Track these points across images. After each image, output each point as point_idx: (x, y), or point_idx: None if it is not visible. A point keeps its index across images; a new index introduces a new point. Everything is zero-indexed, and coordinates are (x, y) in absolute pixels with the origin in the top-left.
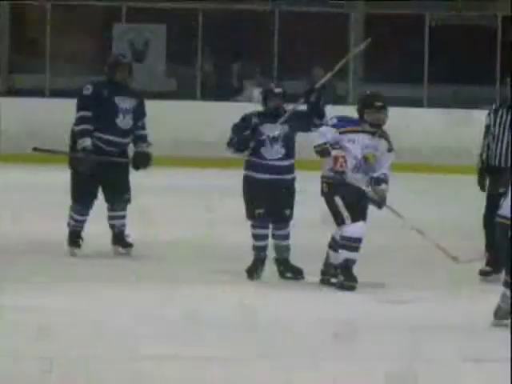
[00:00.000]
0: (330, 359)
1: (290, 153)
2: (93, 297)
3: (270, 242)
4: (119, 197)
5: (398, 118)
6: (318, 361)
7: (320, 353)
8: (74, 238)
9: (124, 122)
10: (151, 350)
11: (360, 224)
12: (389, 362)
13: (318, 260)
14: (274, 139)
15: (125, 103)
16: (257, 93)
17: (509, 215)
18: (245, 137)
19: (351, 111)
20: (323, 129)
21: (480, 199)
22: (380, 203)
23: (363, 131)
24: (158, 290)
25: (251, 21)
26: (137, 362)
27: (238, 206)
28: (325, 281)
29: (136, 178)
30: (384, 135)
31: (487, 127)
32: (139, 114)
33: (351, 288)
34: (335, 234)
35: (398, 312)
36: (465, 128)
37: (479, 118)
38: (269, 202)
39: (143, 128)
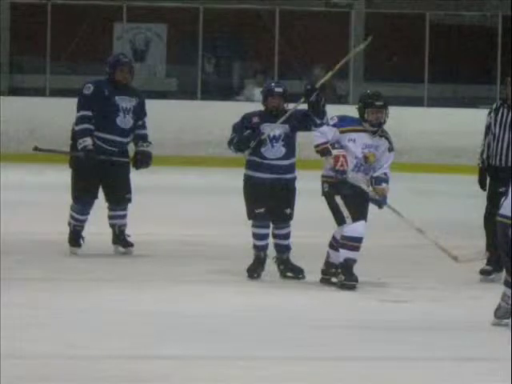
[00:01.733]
0: (330, 358)
1: (290, 152)
2: (93, 296)
3: (271, 241)
4: (120, 196)
5: (398, 118)
6: (317, 360)
7: (320, 352)
8: (75, 238)
9: (124, 121)
10: (151, 350)
11: (361, 223)
12: (389, 362)
13: (319, 259)
14: (275, 139)
15: (125, 103)
16: (257, 92)
17: (509, 214)
18: (245, 136)
19: (352, 111)
20: (324, 128)
21: (480, 198)
22: (381, 202)
23: (364, 130)
24: (159, 290)
25: (252, 20)
26: (137, 361)
27: (239, 205)
28: (325, 280)
29: (136, 177)
30: (385, 134)
31: (488, 127)
32: (140, 113)
33: (352, 287)
34: (336, 233)
35: (398, 312)
36: (465, 127)
37: (479, 117)
38: (269, 202)
39: (144, 127)
